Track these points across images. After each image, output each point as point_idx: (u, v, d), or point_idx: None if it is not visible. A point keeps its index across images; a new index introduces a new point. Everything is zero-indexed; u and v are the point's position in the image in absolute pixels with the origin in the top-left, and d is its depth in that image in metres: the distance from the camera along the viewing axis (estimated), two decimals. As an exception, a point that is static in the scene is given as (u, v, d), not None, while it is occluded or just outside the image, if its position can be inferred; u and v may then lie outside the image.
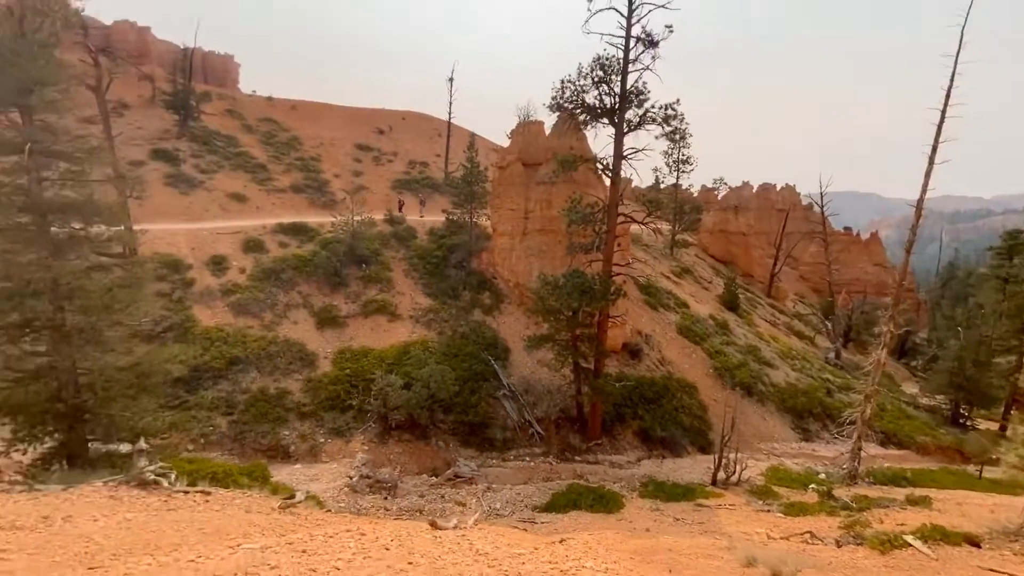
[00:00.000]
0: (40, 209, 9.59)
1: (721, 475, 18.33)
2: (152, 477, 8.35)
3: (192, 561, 4.21)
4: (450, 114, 46.45)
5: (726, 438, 18.27)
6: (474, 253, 31.22)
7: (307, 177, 38.86)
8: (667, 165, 43.53)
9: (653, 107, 18.92)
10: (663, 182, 45.76)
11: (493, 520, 13.75)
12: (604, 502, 15.33)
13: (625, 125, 19.06)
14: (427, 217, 36.40)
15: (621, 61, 18.52)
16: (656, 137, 22.47)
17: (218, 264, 25.55)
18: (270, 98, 52.76)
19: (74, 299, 9.83)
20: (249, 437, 18.01)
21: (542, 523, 13.79)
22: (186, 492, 8.53)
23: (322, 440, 18.93)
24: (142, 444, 8.46)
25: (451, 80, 46.10)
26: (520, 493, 17.11)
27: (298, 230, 30.26)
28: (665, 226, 41.61)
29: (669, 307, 31.27)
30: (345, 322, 25.33)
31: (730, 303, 35.81)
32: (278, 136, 43.98)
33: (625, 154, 19.35)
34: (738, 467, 18.30)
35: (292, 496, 10.48)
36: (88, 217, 10.04)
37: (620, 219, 20.59)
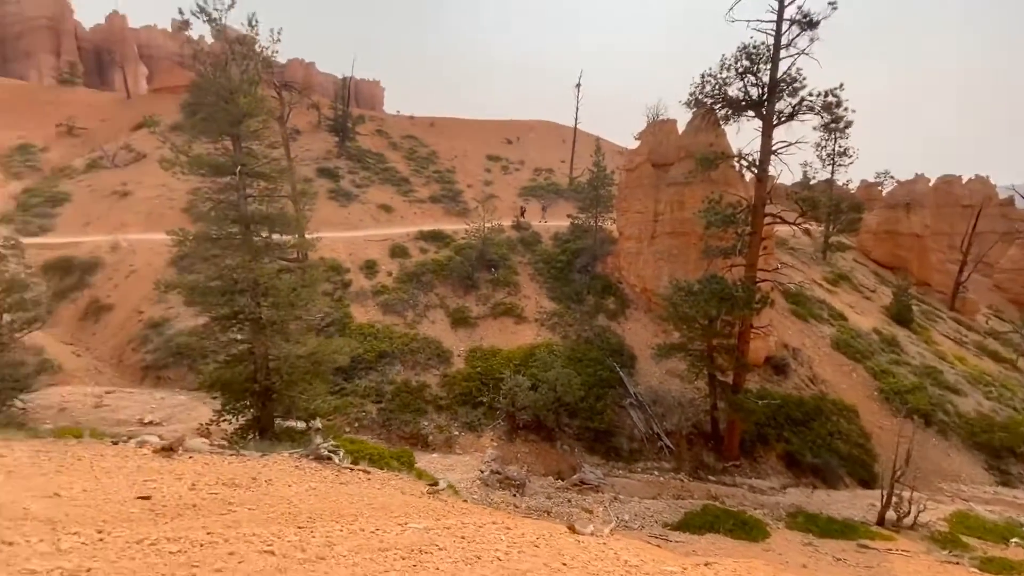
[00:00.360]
0: (245, 220, 11.59)
1: (890, 515, 15.80)
2: (326, 453, 9.54)
3: (374, 532, 4.70)
4: (576, 119, 46.72)
5: (898, 472, 15.69)
6: (599, 257, 30.88)
7: (443, 188, 41.73)
8: (819, 159, 38.77)
9: (810, 95, 17.01)
10: (813, 178, 40.92)
11: (624, 532, 13.37)
12: (746, 528, 14.07)
13: (775, 117, 17.40)
14: (550, 222, 36.87)
15: (771, 48, 16.95)
16: (813, 128, 20.18)
17: (370, 268, 28.53)
18: (412, 117, 57.73)
19: (268, 296, 11.68)
20: (394, 424, 19.77)
21: (676, 542, 13.07)
22: (351, 469, 9.59)
23: (456, 433, 20.08)
24: (317, 423, 9.74)
25: (578, 86, 46.36)
26: (649, 508, 16.43)
27: (435, 237, 32.60)
28: (816, 227, 37.13)
29: (822, 318, 27.83)
30: (476, 323, 26.64)
31: (900, 316, 30.75)
32: (419, 151, 47.91)
33: (774, 148, 17.66)
34: (913, 507, 15.62)
35: (436, 483, 11.22)
36: (278, 227, 11.87)
37: (767, 220, 18.83)
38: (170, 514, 4.49)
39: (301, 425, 14.32)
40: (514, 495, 16.44)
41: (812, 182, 40.08)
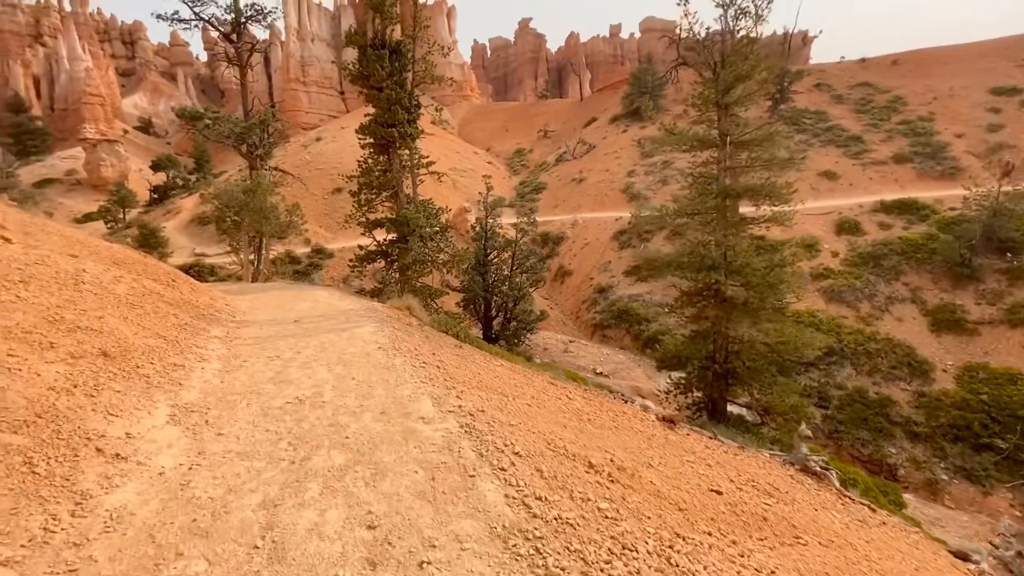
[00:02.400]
0: (724, 194, 11.00)
1: None
2: (818, 468, 7.99)
3: None
4: None
5: None
6: None
7: (913, 143, 31.85)
8: None
9: None
10: None
11: None
12: None
13: None
14: None
15: None
16: None
17: (809, 247, 24.58)
18: (862, 60, 46.66)
19: (740, 274, 10.85)
20: (845, 439, 16.30)
21: None
22: (852, 499, 7.71)
23: (944, 477, 14.82)
24: (805, 430, 8.32)
25: None
26: None
27: (904, 208, 25.17)
28: None
29: None
30: (975, 329, 19.10)
31: None
32: (874, 100, 38.24)
33: None
34: None
35: (967, 557, 8.00)
36: (760, 199, 10.76)
37: None
38: (753, 526, 3.98)
39: (748, 415, 13.28)
40: (1075, 608, 10.59)
41: None
